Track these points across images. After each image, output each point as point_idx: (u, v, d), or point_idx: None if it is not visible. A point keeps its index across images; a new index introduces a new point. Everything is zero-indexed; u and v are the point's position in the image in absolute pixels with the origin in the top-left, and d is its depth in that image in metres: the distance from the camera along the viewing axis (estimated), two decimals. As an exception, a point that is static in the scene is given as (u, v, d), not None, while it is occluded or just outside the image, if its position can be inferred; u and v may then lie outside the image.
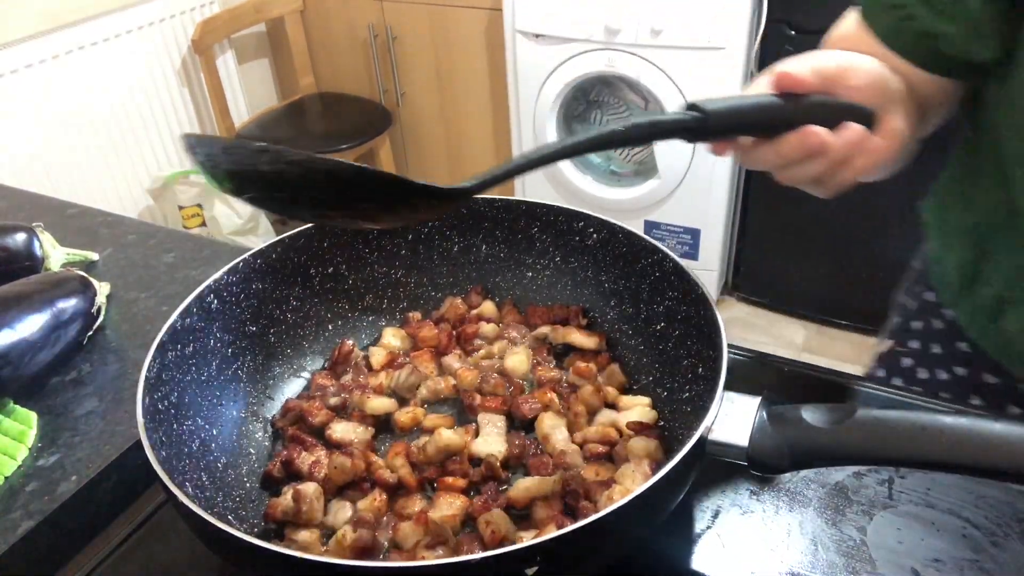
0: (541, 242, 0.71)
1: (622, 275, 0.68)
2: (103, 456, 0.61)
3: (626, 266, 0.67)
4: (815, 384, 0.68)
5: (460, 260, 0.73)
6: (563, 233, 0.70)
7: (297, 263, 0.69)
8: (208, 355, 0.61)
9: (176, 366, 0.57)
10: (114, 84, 2.42)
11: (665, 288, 0.63)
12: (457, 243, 0.73)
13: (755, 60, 2.11)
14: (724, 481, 0.59)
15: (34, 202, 1.01)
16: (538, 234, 0.71)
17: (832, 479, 0.58)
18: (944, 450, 0.42)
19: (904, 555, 0.52)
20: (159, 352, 0.55)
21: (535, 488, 0.54)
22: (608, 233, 0.67)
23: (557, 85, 2.37)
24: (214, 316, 0.62)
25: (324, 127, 2.84)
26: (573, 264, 0.71)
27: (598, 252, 0.69)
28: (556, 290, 0.72)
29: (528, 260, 0.72)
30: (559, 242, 0.71)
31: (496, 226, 0.72)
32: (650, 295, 0.65)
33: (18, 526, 0.56)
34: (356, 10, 2.73)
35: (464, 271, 0.73)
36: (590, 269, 0.70)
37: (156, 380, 0.54)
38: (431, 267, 0.73)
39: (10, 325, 0.66)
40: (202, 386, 0.60)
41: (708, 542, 0.55)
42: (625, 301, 0.68)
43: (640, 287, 0.66)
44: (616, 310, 0.69)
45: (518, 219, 0.71)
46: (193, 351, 0.59)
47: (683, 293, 0.61)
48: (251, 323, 0.65)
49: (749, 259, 2.49)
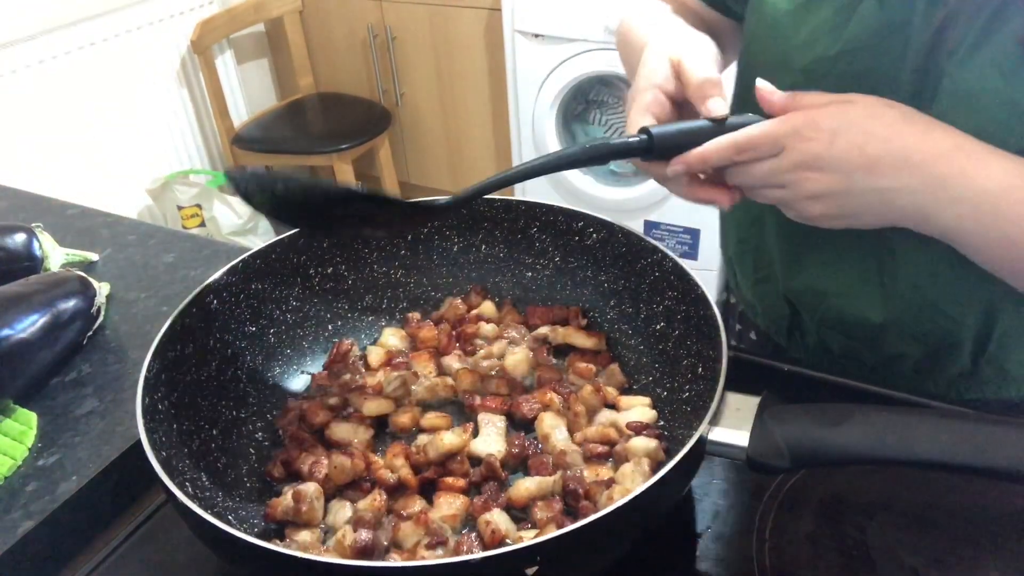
0: (540, 242, 0.72)
1: (622, 275, 0.68)
2: (103, 456, 0.61)
3: (626, 266, 0.67)
4: (816, 384, 0.68)
5: (460, 260, 0.74)
6: (562, 233, 0.70)
7: (297, 263, 0.69)
8: (208, 355, 0.61)
9: (176, 366, 0.57)
10: (114, 84, 2.41)
11: (665, 288, 0.63)
12: (457, 243, 0.73)
13: (754, 60, 2.11)
14: (724, 481, 0.59)
15: (34, 202, 1.01)
16: (537, 234, 0.71)
17: (832, 479, 0.58)
18: (944, 450, 0.42)
19: (904, 555, 0.52)
20: (159, 352, 0.55)
21: (535, 488, 0.54)
22: (607, 233, 0.67)
23: (556, 85, 2.37)
24: (214, 316, 0.62)
25: (323, 127, 2.83)
26: (573, 264, 0.71)
27: (597, 252, 0.69)
28: (556, 290, 0.72)
29: (528, 260, 0.73)
30: (559, 242, 0.71)
31: (496, 226, 0.72)
32: (650, 295, 0.65)
33: (18, 526, 0.56)
34: (355, 10, 2.73)
35: (464, 271, 0.74)
36: (589, 269, 0.70)
37: (156, 380, 0.54)
38: (431, 267, 0.74)
39: (10, 325, 0.66)
40: (202, 386, 0.60)
41: (708, 542, 0.55)
42: (625, 301, 0.68)
43: (640, 287, 0.66)
44: (616, 310, 0.69)
45: (517, 219, 0.71)
46: (193, 351, 0.59)
47: (683, 293, 0.61)
48: (250, 323, 0.65)
49: (748, 259, 2.49)
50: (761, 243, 0.76)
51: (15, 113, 2.17)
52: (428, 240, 0.73)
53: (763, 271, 0.77)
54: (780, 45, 0.65)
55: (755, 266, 0.78)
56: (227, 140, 2.66)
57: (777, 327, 0.78)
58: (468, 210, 0.72)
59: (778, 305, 0.76)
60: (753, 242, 0.77)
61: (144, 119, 2.54)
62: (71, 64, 2.29)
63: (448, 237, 0.73)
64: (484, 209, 0.71)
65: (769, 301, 0.78)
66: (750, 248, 0.77)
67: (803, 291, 0.72)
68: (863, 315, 0.68)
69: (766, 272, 0.76)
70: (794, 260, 0.72)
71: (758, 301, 0.80)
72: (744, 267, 0.80)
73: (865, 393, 0.66)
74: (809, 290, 0.72)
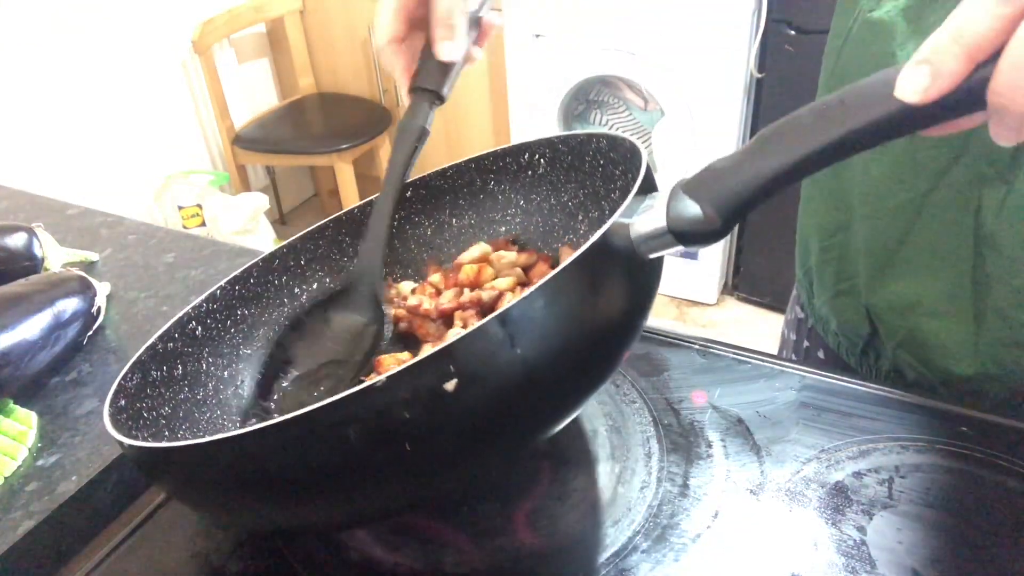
0: (501, 193, 0.70)
1: (578, 184, 0.65)
2: (103, 456, 0.61)
3: (577, 173, 0.65)
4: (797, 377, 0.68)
5: (436, 241, 0.72)
6: (516, 173, 0.69)
7: (278, 285, 0.68)
8: (203, 376, 0.61)
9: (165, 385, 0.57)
10: (114, 84, 2.42)
11: (612, 170, 0.61)
12: (428, 225, 0.72)
13: (755, 60, 2.11)
14: (724, 481, 0.59)
15: (34, 202, 1.01)
16: (494, 186, 0.70)
17: (832, 479, 0.58)
18: (853, 116, 0.38)
19: (904, 555, 0.52)
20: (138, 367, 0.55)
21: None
22: (550, 149, 0.66)
23: (557, 85, 2.37)
24: (200, 342, 0.61)
25: (324, 127, 2.84)
26: (535, 199, 0.69)
27: (551, 175, 0.67)
28: (531, 232, 0.70)
29: (496, 216, 0.71)
30: (515, 184, 0.69)
31: (457, 195, 0.71)
32: (604, 187, 0.62)
33: (18, 526, 0.56)
34: (356, 10, 2.74)
35: (444, 250, 0.72)
36: (551, 196, 0.68)
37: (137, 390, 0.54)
38: (411, 256, 0.73)
39: (10, 325, 0.66)
40: (199, 404, 0.59)
41: (708, 542, 0.55)
42: (590, 208, 0.65)
43: (595, 185, 0.63)
44: (585, 223, 0.66)
45: (473, 179, 0.70)
46: (183, 373, 0.59)
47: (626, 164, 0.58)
48: (244, 346, 0.65)
49: (749, 259, 2.49)
50: (846, 252, 0.72)
51: (15, 113, 2.17)
52: (400, 232, 0.72)
53: (845, 283, 0.73)
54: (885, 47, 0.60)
55: (837, 277, 0.74)
56: (228, 140, 2.66)
57: (851, 345, 0.75)
58: (427, 189, 0.71)
59: (856, 321, 0.72)
60: (837, 251, 0.73)
61: (145, 119, 2.54)
62: (71, 64, 2.29)
63: (418, 223, 0.72)
64: (439, 182, 0.71)
65: (847, 316, 0.74)
66: (833, 258, 0.74)
67: (887, 306, 0.69)
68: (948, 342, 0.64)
69: (848, 284, 0.72)
70: (881, 271, 0.68)
71: (835, 316, 0.76)
72: (824, 278, 0.76)
73: (871, 393, 0.66)
74: (894, 305, 0.68)
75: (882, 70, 0.38)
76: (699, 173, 0.44)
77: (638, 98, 2.47)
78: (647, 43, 2.18)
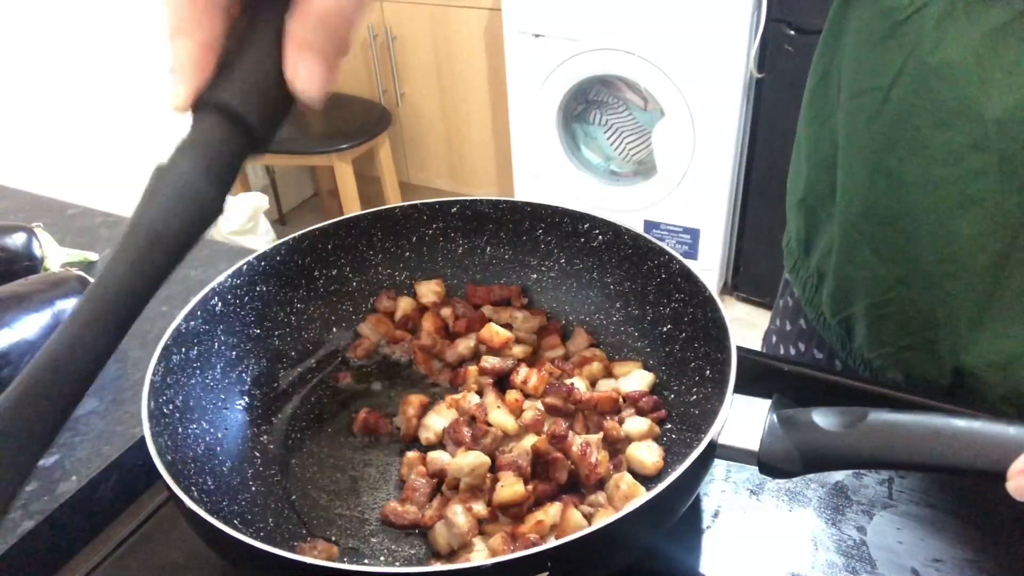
0: (546, 244, 0.71)
1: (627, 277, 0.67)
2: (103, 456, 0.61)
3: (631, 268, 0.67)
4: (825, 386, 0.67)
5: (464, 262, 0.73)
6: (568, 235, 0.70)
7: (301, 265, 0.68)
8: (213, 358, 0.61)
9: (181, 370, 0.57)
10: (114, 84, 2.41)
11: (671, 290, 0.63)
12: (462, 245, 0.73)
13: (755, 60, 2.11)
14: (724, 481, 0.59)
15: (34, 202, 1.01)
16: (543, 236, 0.71)
17: (832, 479, 0.58)
18: (957, 454, 0.41)
19: (904, 555, 0.52)
20: (164, 355, 0.55)
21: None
22: (613, 235, 0.67)
23: (557, 85, 2.37)
24: (218, 319, 0.62)
25: (323, 127, 2.84)
26: (578, 266, 0.71)
27: (603, 254, 0.69)
28: (561, 292, 0.72)
29: (533, 262, 0.72)
30: (564, 244, 0.71)
31: (500, 228, 0.72)
32: (656, 297, 0.65)
33: (18, 526, 0.56)
34: (356, 10, 2.73)
35: (468, 273, 0.73)
36: (595, 271, 0.70)
37: (161, 384, 0.54)
38: (435, 269, 0.73)
39: (10, 325, 0.66)
40: (207, 389, 0.59)
41: (708, 542, 0.55)
42: (631, 303, 0.68)
43: (646, 289, 0.66)
44: (622, 312, 0.68)
45: (523, 221, 0.71)
46: (197, 354, 0.59)
47: (689, 295, 0.61)
48: (255, 326, 0.65)
49: (749, 259, 2.49)
50: (912, 303, 0.65)
51: (15, 113, 2.17)
52: (432, 242, 0.73)
53: (913, 337, 0.66)
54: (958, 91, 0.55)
55: (901, 332, 0.67)
56: (227, 140, 2.66)
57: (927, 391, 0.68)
58: (473, 211, 0.72)
59: (935, 376, 0.66)
60: (896, 305, 0.66)
61: (145, 119, 2.54)
62: (71, 64, 2.29)
63: (453, 239, 0.73)
64: (488, 211, 0.71)
65: (922, 371, 0.67)
66: (894, 311, 0.67)
67: (985, 364, 0.63)
68: None
69: (919, 339, 0.66)
70: (971, 329, 0.62)
71: (900, 369, 0.69)
72: (882, 334, 0.69)
73: (872, 394, 0.65)
74: (992, 363, 0.62)
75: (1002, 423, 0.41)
76: (800, 417, 0.47)
77: (638, 98, 2.47)
78: (647, 43, 2.18)
